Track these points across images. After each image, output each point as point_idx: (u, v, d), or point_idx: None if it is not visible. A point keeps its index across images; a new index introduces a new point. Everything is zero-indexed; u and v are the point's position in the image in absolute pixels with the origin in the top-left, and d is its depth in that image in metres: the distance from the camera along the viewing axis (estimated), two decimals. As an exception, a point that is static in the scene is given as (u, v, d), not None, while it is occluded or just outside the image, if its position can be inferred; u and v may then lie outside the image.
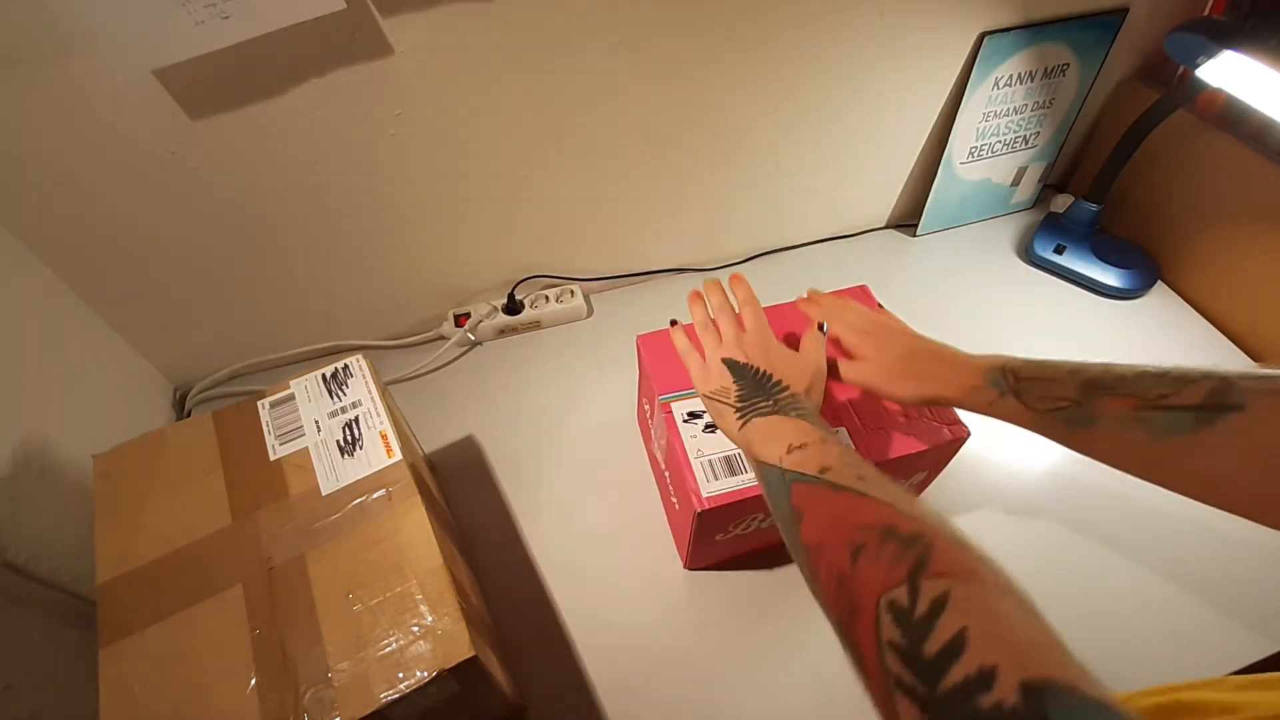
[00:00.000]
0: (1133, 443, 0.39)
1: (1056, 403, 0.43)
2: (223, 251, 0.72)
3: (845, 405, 0.61)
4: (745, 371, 0.50)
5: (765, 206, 0.92)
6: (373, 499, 0.51)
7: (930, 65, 0.83)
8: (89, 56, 0.55)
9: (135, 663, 0.44)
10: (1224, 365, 0.38)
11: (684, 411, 0.61)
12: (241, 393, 0.82)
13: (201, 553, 0.49)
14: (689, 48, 0.71)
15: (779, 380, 0.49)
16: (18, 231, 0.63)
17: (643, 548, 0.69)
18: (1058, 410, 0.43)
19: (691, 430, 0.60)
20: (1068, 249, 0.93)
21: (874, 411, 0.61)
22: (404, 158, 0.70)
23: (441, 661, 0.43)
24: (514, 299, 0.88)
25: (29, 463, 0.57)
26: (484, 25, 0.63)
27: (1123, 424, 0.40)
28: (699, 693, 0.60)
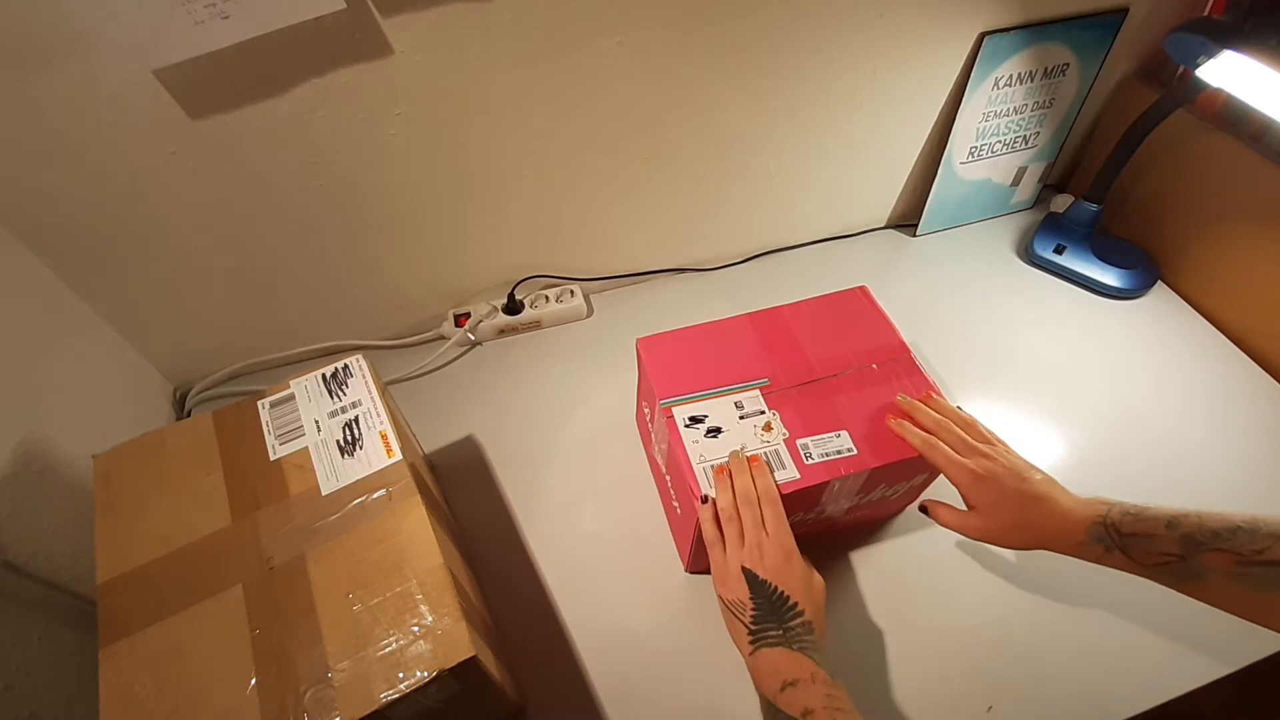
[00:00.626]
0: (1239, 595, 0.43)
1: (1161, 558, 0.46)
2: (223, 251, 0.72)
3: (847, 409, 0.60)
4: (763, 589, 0.50)
5: (765, 206, 0.92)
6: (373, 499, 0.51)
7: (930, 65, 0.83)
8: (89, 56, 0.55)
9: (135, 663, 0.44)
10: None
11: (686, 416, 0.60)
12: (241, 393, 0.82)
13: (201, 553, 0.49)
14: (689, 48, 0.71)
15: (794, 603, 0.49)
16: (17, 231, 0.63)
17: (642, 548, 0.69)
18: (1164, 565, 0.46)
19: (693, 435, 0.59)
20: (1068, 249, 0.93)
21: (874, 417, 0.60)
22: (404, 157, 0.70)
23: (441, 661, 0.43)
24: (514, 299, 0.88)
25: (29, 463, 0.57)
26: (484, 25, 0.63)
27: (1227, 578, 0.43)
28: (698, 693, 0.60)
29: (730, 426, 0.59)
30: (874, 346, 0.65)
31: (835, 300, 0.70)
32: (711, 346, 0.65)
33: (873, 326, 0.67)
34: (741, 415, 0.60)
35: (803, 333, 0.66)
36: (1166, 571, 0.46)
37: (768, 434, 0.59)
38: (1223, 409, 0.79)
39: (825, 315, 0.68)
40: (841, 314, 0.68)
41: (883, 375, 0.63)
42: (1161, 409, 0.79)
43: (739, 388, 0.62)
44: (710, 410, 0.60)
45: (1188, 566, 0.45)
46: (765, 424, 0.59)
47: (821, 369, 0.63)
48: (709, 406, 0.61)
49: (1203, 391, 0.81)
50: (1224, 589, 0.44)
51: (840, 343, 0.65)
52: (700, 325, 0.67)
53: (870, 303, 0.69)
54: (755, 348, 0.65)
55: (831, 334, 0.66)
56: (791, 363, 0.64)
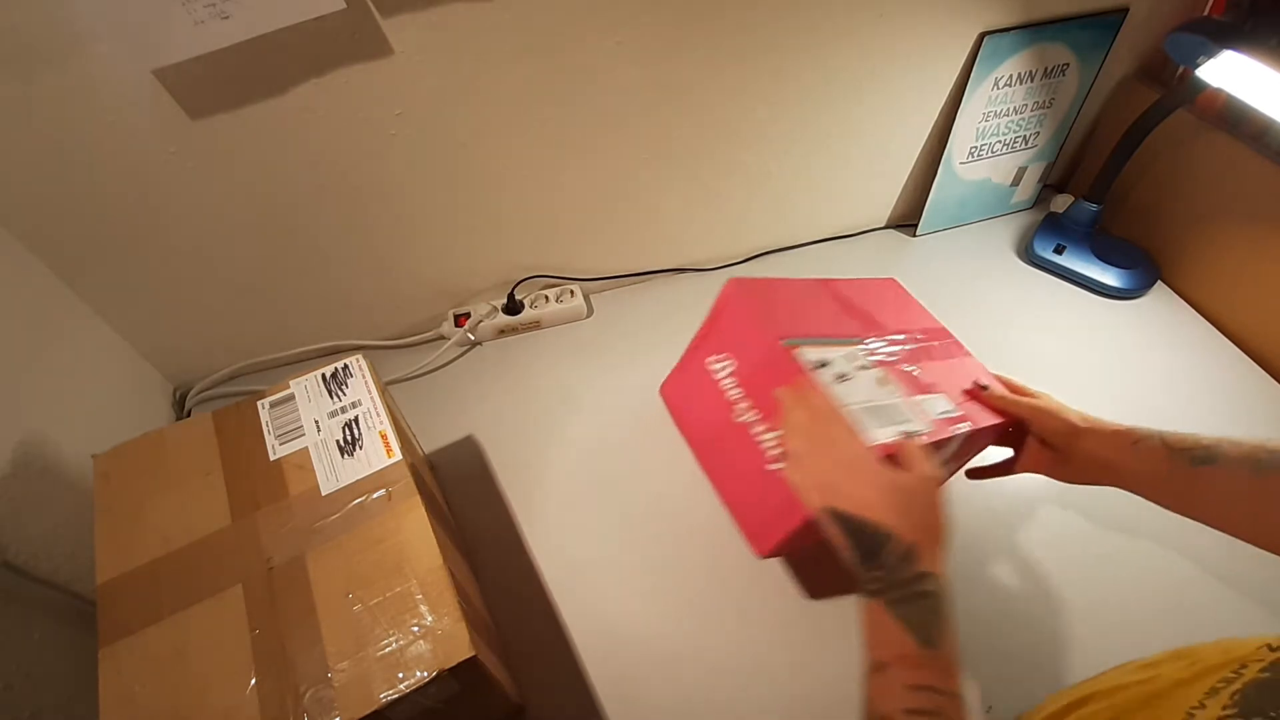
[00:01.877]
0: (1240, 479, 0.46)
1: (1192, 445, 0.49)
2: (223, 251, 0.72)
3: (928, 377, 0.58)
4: (847, 523, 0.45)
5: (765, 206, 0.92)
6: (373, 499, 0.51)
7: (930, 65, 0.83)
8: (89, 56, 0.55)
9: (135, 663, 0.44)
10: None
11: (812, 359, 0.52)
12: (241, 393, 0.82)
13: (201, 553, 0.49)
14: (688, 48, 0.71)
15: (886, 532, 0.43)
16: (17, 231, 0.63)
17: (643, 547, 0.69)
18: (1188, 450, 0.49)
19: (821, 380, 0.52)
20: (1068, 249, 0.93)
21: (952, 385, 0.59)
22: (404, 157, 0.70)
23: (441, 661, 0.43)
24: (514, 299, 0.88)
25: (29, 463, 0.57)
26: (483, 25, 0.63)
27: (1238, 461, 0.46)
28: (699, 693, 0.60)
29: (853, 375, 0.53)
30: (923, 327, 0.66)
31: (875, 284, 0.70)
32: (799, 300, 0.61)
33: (914, 311, 0.68)
34: (860, 367, 0.55)
35: (868, 302, 0.66)
36: (1186, 456, 0.48)
37: (883, 389, 0.54)
38: (1222, 409, 0.79)
39: (875, 292, 0.68)
40: (885, 295, 0.69)
41: (944, 352, 0.64)
42: (1161, 409, 0.79)
43: (844, 341, 0.57)
44: (830, 357, 0.54)
45: (1208, 451, 0.48)
46: (880, 378, 0.55)
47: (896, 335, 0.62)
48: (829, 353, 0.55)
49: (1202, 391, 0.81)
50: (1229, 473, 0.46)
51: (898, 317, 0.66)
52: (781, 279, 0.63)
53: (904, 291, 0.71)
54: (836, 308, 0.62)
55: (889, 308, 0.66)
56: (870, 327, 0.62)
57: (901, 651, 0.41)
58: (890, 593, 0.42)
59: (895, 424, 0.52)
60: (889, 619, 0.42)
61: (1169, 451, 0.50)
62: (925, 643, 0.40)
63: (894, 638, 0.41)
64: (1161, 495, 0.51)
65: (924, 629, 0.41)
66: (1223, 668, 0.34)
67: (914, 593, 0.42)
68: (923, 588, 0.42)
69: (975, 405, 0.59)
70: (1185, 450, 0.49)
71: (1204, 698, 0.32)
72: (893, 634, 0.41)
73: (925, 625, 0.41)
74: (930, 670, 0.40)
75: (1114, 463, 0.53)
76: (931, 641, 0.41)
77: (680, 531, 0.70)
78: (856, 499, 0.45)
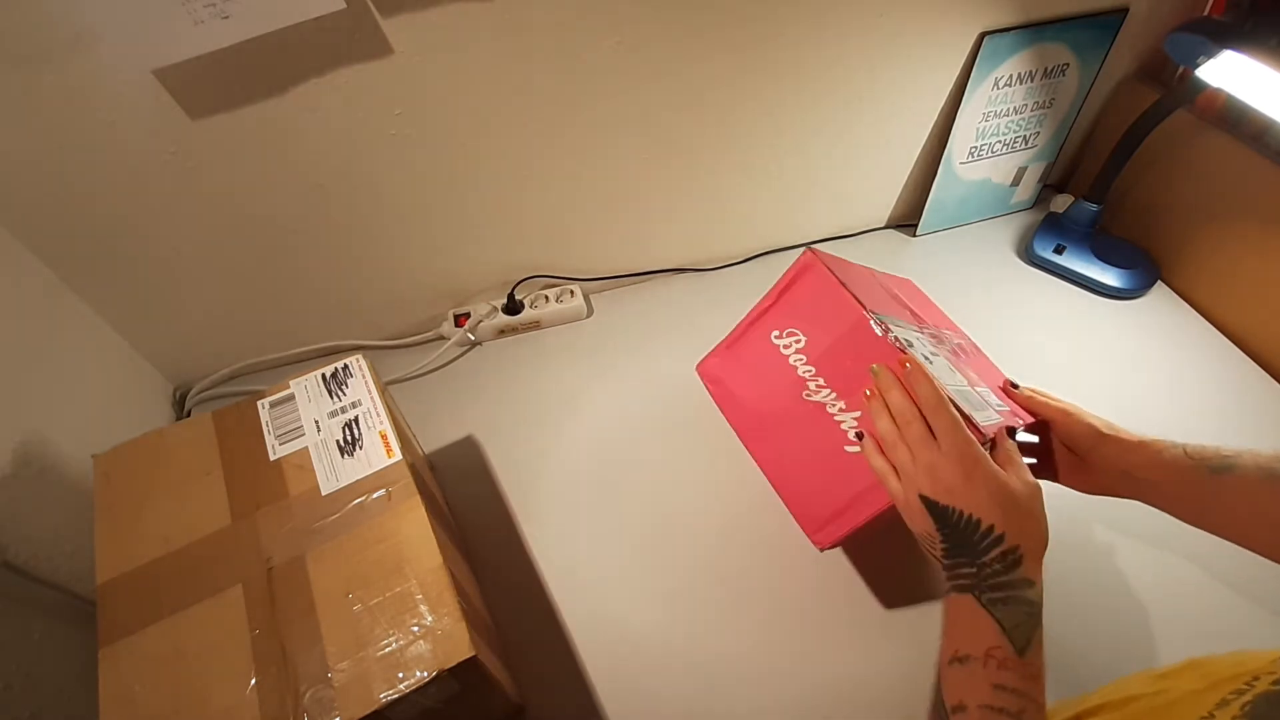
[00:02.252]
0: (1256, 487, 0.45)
1: (1213, 455, 0.49)
2: (222, 251, 0.72)
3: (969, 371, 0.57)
4: (946, 517, 0.44)
5: (765, 206, 0.92)
6: (373, 499, 0.51)
7: (930, 65, 0.83)
8: (89, 56, 0.55)
9: (135, 663, 0.44)
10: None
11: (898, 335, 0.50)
12: (241, 393, 0.82)
13: (201, 553, 0.49)
14: (688, 48, 0.71)
15: (988, 527, 0.43)
16: (17, 231, 0.63)
17: (643, 547, 0.69)
18: (1207, 460, 0.48)
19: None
20: (1068, 249, 0.93)
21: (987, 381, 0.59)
22: (404, 157, 0.70)
23: (441, 661, 0.43)
24: (514, 299, 0.88)
25: (29, 463, 0.57)
26: (483, 25, 0.63)
27: (1256, 470, 0.46)
28: (699, 693, 0.60)
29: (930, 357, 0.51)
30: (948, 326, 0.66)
31: (897, 279, 0.70)
32: (867, 281, 0.59)
33: (934, 311, 0.68)
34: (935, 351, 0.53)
35: (911, 299, 0.65)
36: (1204, 466, 0.48)
37: (952, 376, 0.52)
38: (1222, 409, 0.79)
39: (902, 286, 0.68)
40: (908, 291, 0.69)
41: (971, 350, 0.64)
42: (1161, 409, 0.79)
43: (914, 326, 0.55)
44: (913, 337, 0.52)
45: (1226, 461, 0.47)
46: (950, 366, 0.53)
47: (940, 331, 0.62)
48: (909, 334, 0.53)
49: (1202, 391, 0.81)
50: (1246, 481, 0.46)
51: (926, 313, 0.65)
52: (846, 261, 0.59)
53: (919, 295, 0.71)
54: (889, 295, 0.59)
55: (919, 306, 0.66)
56: (912, 318, 0.60)
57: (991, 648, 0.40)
58: (989, 591, 0.41)
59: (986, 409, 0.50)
60: (983, 614, 0.41)
61: (1189, 461, 0.49)
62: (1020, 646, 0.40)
63: (986, 634, 0.40)
64: (1180, 507, 0.50)
65: (1021, 632, 0.40)
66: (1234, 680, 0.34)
67: (1016, 596, 0.41)
68: (1025, 594, 0.42)
69: (1013, 403, 0.58)
70: (1204, 460, 0.48)
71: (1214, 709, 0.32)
72: (985, 630, 0.40)
73: (1023, 629, 0.40)
74: (1018, 674, 0.39)
75: (1136, 472, 0.52)
76: (1027, 646, 0.40)
77: (681, 531, 0.70)
78: (965, 496, 0.44)
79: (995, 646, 0.40)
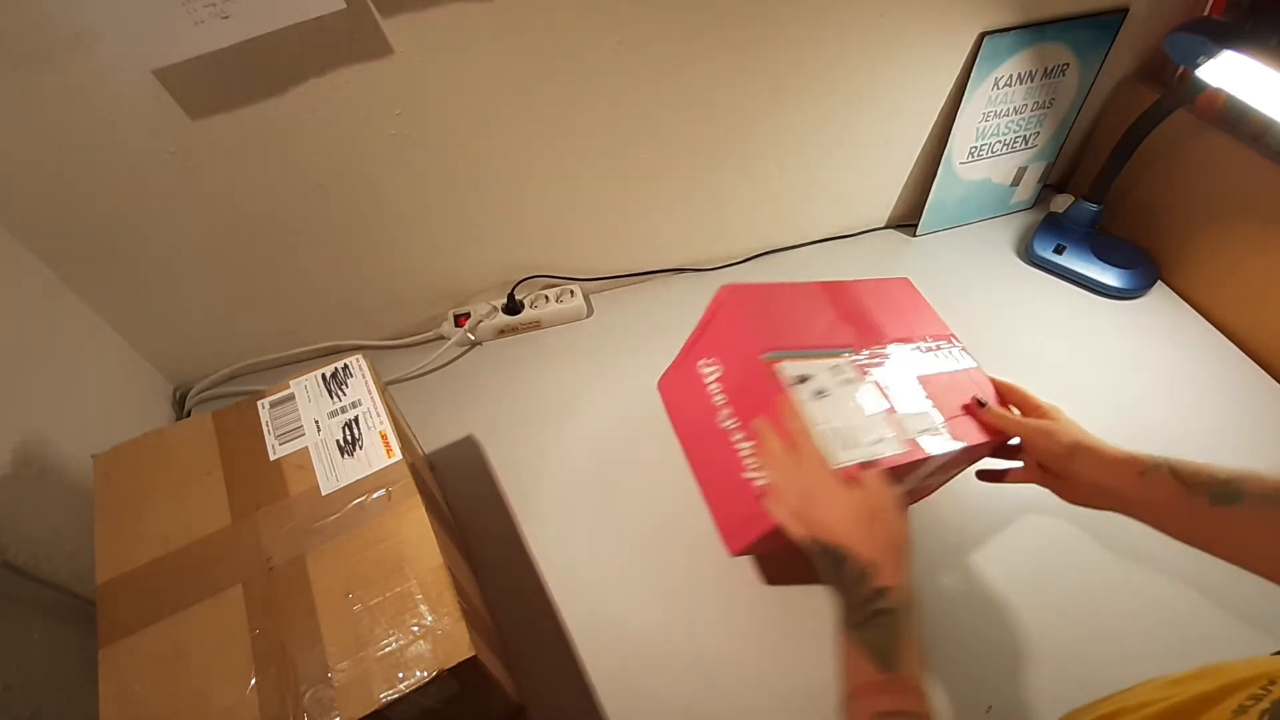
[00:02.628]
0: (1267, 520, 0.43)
1: (1208, 479, 0.46)
2: (223, 251, 0.72)
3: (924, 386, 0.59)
4: (816, 555, 0.47)
5: (765, 206, 0.92)
6: (373, 499, 0.51)
7: (930, 65, 0.83)
8: (89, 56, 0.55)
9: (135, 663, 0.44)
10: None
11: (793, 374, 0.53)
12: (241, 393, 0.82)
13: (201, 553, 0.49)
14: (688, 48, 0.71)
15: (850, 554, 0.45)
16: (17, 231, 0.63)
17: (642, 547, 0.69)
18: (1206, 486, 0.46)
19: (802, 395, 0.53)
20: (1068, 249, 0.93)
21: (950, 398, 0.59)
22: (404, 157, 0.70)
23: (441, 661, 0.43)
24: (514, 299, 0.88)
25: (29, 463, 0.57)
26: (483, 25, 0.63)
27: (1264, 500, 0.43)
28: (699, 693, 0.60)
29: (833, 391, 0.54)
30: (932, 333, 0.66)
31: (887, 284, 0.70)
32: (793, 306, 0.61)
33: (925, 315, 0.68)
34: (843, 381, 0.56)
35: (872, 306, 0.65)
36: (1205, 492, 0.46)
37: (866, 404, 0.55)
38: (1222, 409, 0.79)
39: (885, 294, 0.68)
40: (895, 297, 0.69)
41: (948, 360, 0.63)
42: (1161, 409, 0.79)
43: (831, 353, 0.58)
44: (813, 371, 0.55)
45: (1229, 489, 0.45)
46: (864, 393, 0.56)
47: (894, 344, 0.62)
48: (812, 367, 0.55)
49: (1202, 391, 0.81)
50: (1255, 513, 0.44)
51: (905, 324, 0.65)
52: (779, 284, 0.63)
53: (917, 293, 0.70)
54: (831, 314, 0.62)
55: (896, 313, 0.66)
56: (868, 335, 0.61)
57: (865, 679, 0.42)
58: (854, 616, 0.44)
59: (868, 444, 0.53)
60: (852, 647, 0.43)
61: (1182, 486, 0.47)
62: (885, 666, 0.42)
63: (857, 666, 0.43)
64: (1174, 529, 0.49)
65: (882, 651, 0.42)
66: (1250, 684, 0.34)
67: (870, 612, 0.44)
68: (878, 606, 0.44)
69: (967, 421, 0.58)
70: (1201, 485, 0.47)
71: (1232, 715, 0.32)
72: (856, 662, 0.43)
73: (883, 647, 0.42)
74: (892, 694, 0.41)
75: (1117, 491, 0.51)
76: (890, 663, 0.42)
77: (681, 531, 0.70)
78: (821, 522, 0.47)
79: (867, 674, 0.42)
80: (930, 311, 0.69)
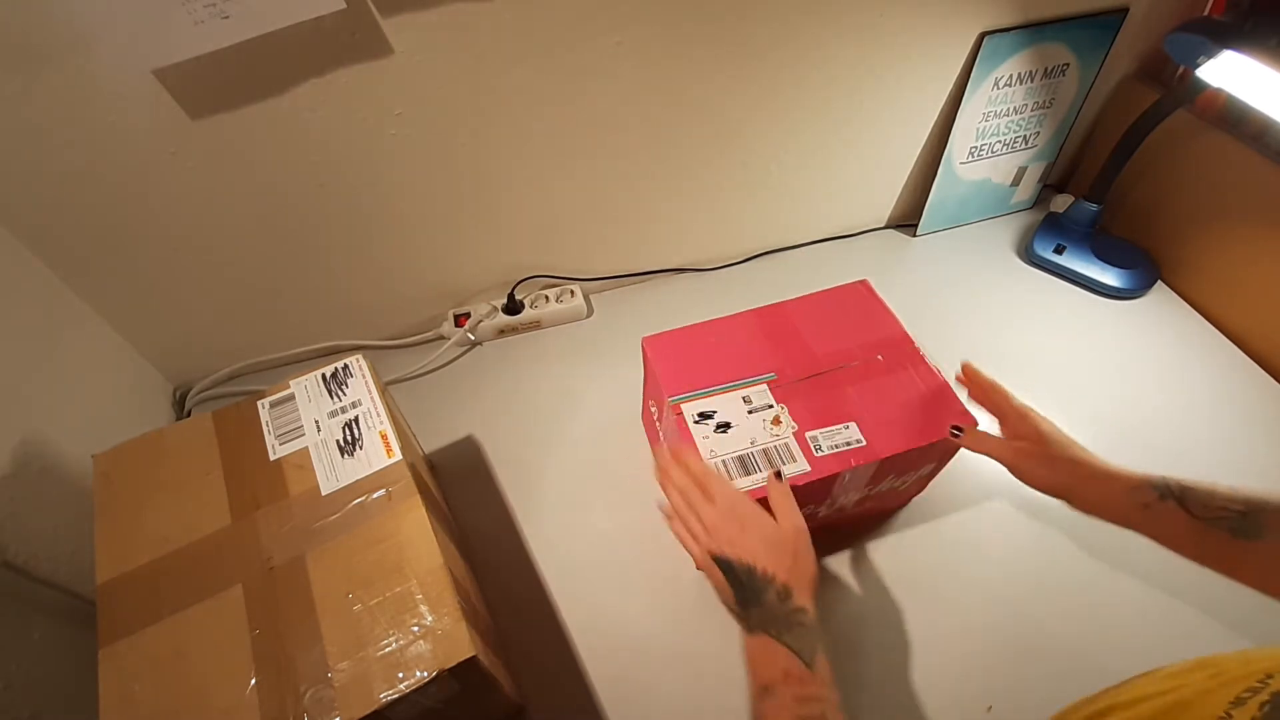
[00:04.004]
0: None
1: (1220, 511, 0.44)
2: (223, 251, 0.72)
3: (855, 401, 0.61)
4: (729, 569, 0.50)
5: (765, 206, 0.92)
6: (373, 499, 0.51)
7: (930, 65, 0.83)
8: (89, 56, 0.55)
9: (135, 663, 0.44)
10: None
11: (695, 412, 0.60)
12: (241, 393, 0.82)
13: (201, 553, 0.49)
14: (689, 49, 0.71)
15: (761, 570, 0.49)
16: (17, 231, 0.63)
17: (642, 547, 0.69)
18: (1221, 519, 0.44)
19: (704, 431, 0.59)
20: (1068, 249, 0.93)
21: (882, 408, 0.60)
22: (404, 157, 0.70)
23: (441, 661, 0.43)
24: (514, 299, 0.88)
25: (29, 463, 0.57)
26: (484, 26, 0.63)
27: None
28: (698, 692, 0.60)
29: (739, 421, 0.60)
30: (878, 338, 0.66)
31: (838, 294, 0.70)
32: (717, 343, 0.66)
33: (876, 319, 0.68)
34: (750, 410, 0.60)
35: (807, 326, 0.67)
36: (1222, 525, 0.43)
37: (777, 428, 0.59)
38: (1223, 409, 0.79)
39: (828, 309, 0.69)
40: (844, 307, 0.69)
41: (888, 366, 0.63)
42: (1161, 409, 0.79)
43: (746, 383, 0.62)
44: (719, 406, 0.61)
45: (1247, 522, 0.43)
46: (774, 418, 0.60)
47: (828, 362, 0.64)
48: (718, 402, 0.61)
49: (1202, 391, 0.81)
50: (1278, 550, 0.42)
51: (845, 335, 0.66)
52: (704, 322, 0.68)
53: (872, 295, 0.70)
54: (761, 342, 0.66)
55: (836, 327, 0.67)
56: (797, 357, 0.64)
57: (788, 671, 0.45)
58: (775, 625, 0.47)
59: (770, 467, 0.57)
60: (775, 646, 0.46)
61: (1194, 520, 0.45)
62: (808, 662, 0.46)
63: (781, 661, 0.46)
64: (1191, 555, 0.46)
65: (806, 651, 0.46)
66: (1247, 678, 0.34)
67: (796, 623, 0.47)
68: (802, 620, 0.48)
69: (893, 431, 0.58)
70: (1216, 517, 0.44)
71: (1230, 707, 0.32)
72: (779, 658, 0.46)
73: (807, 649, 0.46)
74: (813, 684, 0.45)
75: (1119, 521, 0.49)
76: (813, 660, 0.46)
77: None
78: (743, 547, 0.50)
79: (789, 667, 0.45)
80: (886, 314, 0.68)
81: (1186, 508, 0.45)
